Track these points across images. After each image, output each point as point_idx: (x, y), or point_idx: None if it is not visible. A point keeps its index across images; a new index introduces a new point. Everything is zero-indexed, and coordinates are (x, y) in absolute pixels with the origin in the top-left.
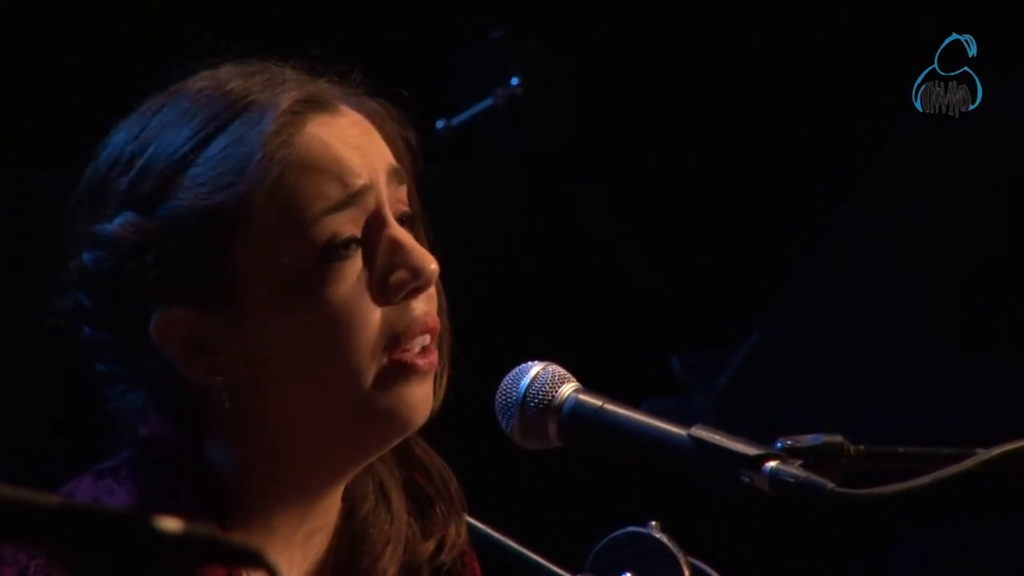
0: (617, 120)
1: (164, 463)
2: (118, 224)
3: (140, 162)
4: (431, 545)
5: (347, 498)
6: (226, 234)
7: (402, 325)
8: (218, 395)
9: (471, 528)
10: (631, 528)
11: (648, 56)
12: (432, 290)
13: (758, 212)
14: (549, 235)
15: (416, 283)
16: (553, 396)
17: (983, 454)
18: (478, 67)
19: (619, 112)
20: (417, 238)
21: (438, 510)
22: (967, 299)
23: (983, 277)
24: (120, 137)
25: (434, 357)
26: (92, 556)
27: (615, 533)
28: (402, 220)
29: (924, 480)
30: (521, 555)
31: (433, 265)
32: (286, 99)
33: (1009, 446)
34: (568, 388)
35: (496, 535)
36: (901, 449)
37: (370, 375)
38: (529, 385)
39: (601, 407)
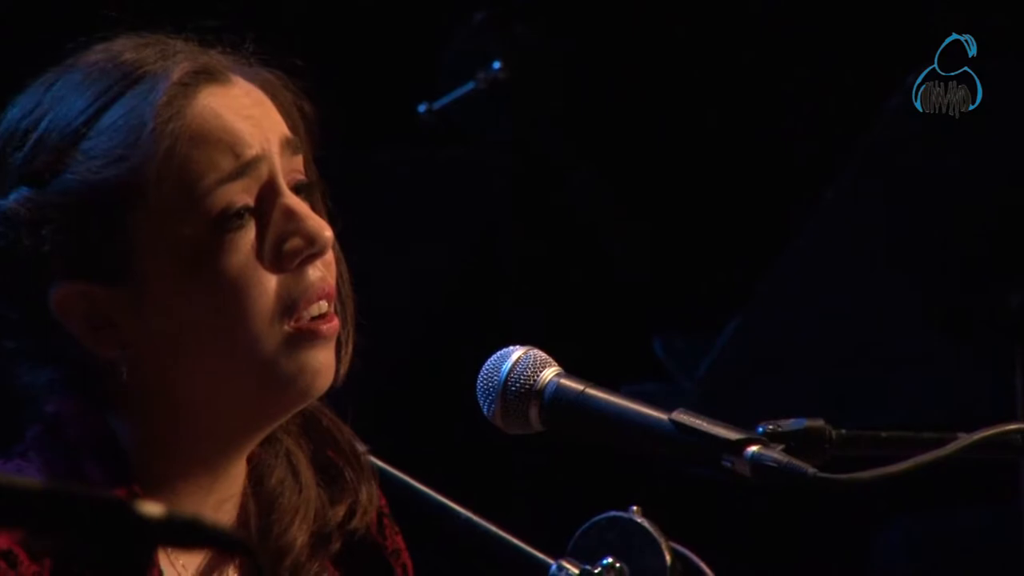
0: (603, 104)
1: (71, 439)
2: (13, 200)
3: (34, 136)
4: (341, 511)
5: (255, 469)
6: (120, 207)
7: (298, 291)
8: (120, 368)
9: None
10: (612, 513)
11: (634, 39)
12: (329, 257)
13: (743, 197)
14: (532, 219)
15: (311, 250)
16: (535, 380)
17: (965, 439)
18: (461, 51)
19: (605, 96)
20: (314, 207)
21: (347, 476)
22: (951, 284)
23: (968, 262)
24: (14, 112)
25: (335, 322)
26: (73, 539)
27: (596, 518)
28: (297, 189)
29: (906, 464)
30: (500, 538)
31: (327, 232)
32: (177, 70)
33: (990, 431)
34: (550, 372)
35: (463, 511)
36: (883, 434)
37: (271, 342)
38: (511, 369)
39: (583, 391)
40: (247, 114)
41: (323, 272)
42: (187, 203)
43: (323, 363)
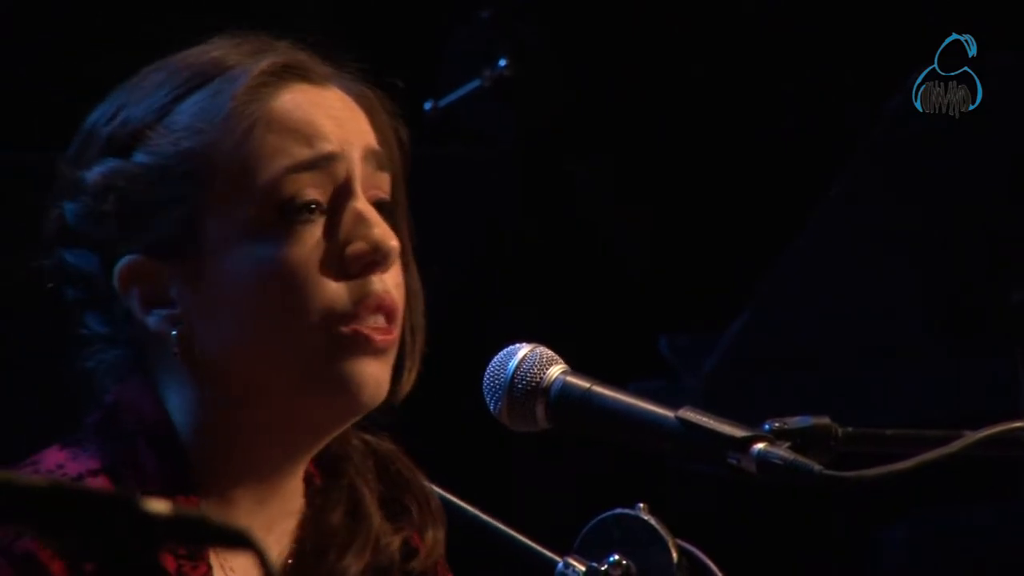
0: (606, 102)
1: (131, 432)
2: (97, 171)
3: (123, 114)
4: (397, 541)
5: (316, 497)
6: (189, 179)
7: (356, 297)
8: (172, 347)
9: (445, 502)
10: (619, 510)
11: (638, 36)
12: (397, 275)
13: (748, 193)
14: (538, 217)
15: (373, 256)
16: (541, 378)
17: (970, 436)
18: (466, 48)
19: (608, 94)
20: (393, 227)
21: (413, 514)
22: (956, 281)
23: (973, 260)
24: (111, 96)
25: (392, 336)
26: (80, 536)
27: (603, 515)
28: (378, 207)
29: (911, 462)
30: (507, 536)
31: (393, 241)
32: (268, 61)
33: (996, 428)
34: (556, 370)
35: (470, 508)
36: (889, 431)
37: (319, 342)
38: (517, 367)
39: (589, 389)
40: (332, 114)
41: (387, 286)
42: (256, 186)
43: (372, 375)
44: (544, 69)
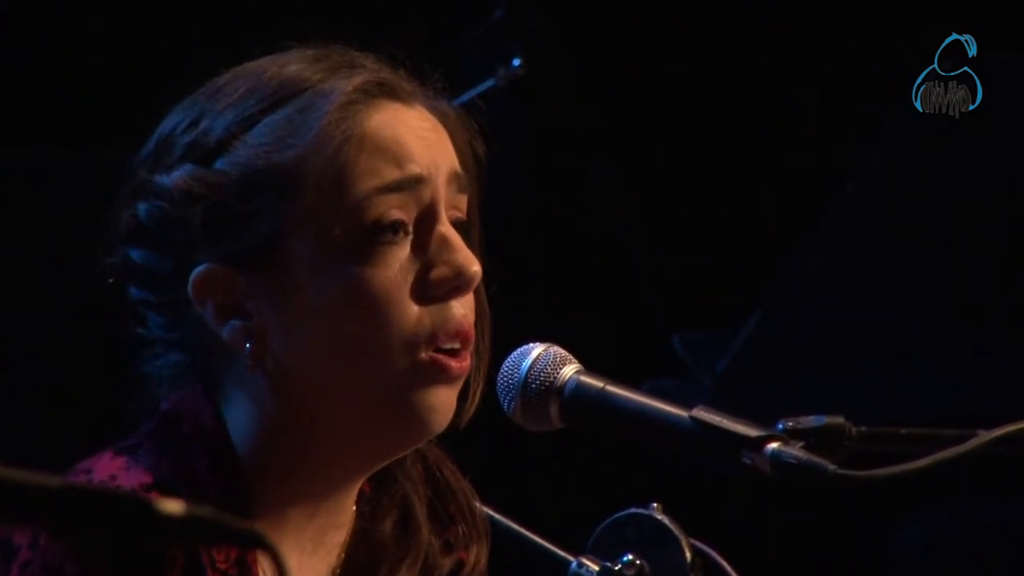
0: (620, 99)
1: (187, 440)
2: (176, 176)
3: (205, 122)
4: (448, 563)
5: (368, 507)
6: (277, 193)
7: (437, 321)
8: (245, 360)
9: None
10: (633, 510)
11: (651, 34)
12: (471, 299)
13: (762, 190)
14: (551, 215)
15: (456, 282)
16: (555, 378)
17: (984, 435)
18: (480, 47)
19: (622, 91)
20: (469, 248)
21: (460, 530)
22: (971, 278)
23: (988, 256)
24: (188, 102)
25: (466, 363)
26: (95, 537)
27: (617, 515)
28: (455, 226)
29: (926, 461)
30: (521, 535)
31: (476, 267)
32: (360, 78)
33: (1011, 427)
34: (570, 370)
35: (496, 515)
36: (903, 430)
37: (398, 368)
38: (531, 367)
39: (603, 388)
40: (421, 135)
41: (466, 311)
42: (342, 205)
43: (443, 402)
44: (559, 69)
